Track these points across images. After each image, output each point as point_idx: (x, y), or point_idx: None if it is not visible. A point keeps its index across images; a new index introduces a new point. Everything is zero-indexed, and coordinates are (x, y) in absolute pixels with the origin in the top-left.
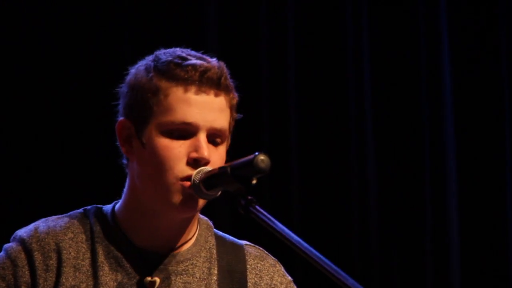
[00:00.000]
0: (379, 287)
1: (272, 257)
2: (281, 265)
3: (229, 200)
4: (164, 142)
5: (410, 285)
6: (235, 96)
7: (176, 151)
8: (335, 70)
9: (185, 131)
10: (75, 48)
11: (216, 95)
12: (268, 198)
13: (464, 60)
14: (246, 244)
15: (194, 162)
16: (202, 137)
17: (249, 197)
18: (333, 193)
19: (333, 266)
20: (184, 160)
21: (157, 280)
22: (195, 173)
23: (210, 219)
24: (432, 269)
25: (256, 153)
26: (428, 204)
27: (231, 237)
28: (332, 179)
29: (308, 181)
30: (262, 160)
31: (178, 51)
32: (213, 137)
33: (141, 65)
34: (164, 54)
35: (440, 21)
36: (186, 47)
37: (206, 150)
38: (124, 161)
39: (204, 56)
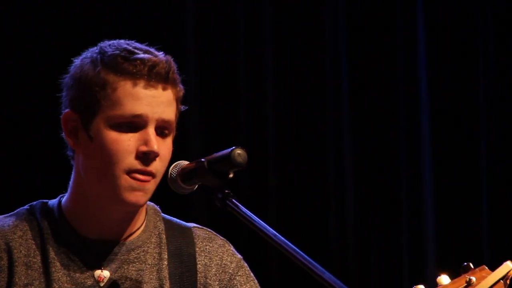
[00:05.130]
0: (356, 280)
1: (220, 237)
2: (230, 245)
3: (206, 194)
4: (113, 136)
5: (387, 277)
6: (181, 89)
7: (125, 144)
8: (313, 66)
9: (134, 124)
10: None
11: (164, 88)
12: (245, 192)
13: (440, 58)
14: (194, 227)
15: (144, 156)
16: (151, 130)
17: (226, 191)
18: (310, 188)
19: (309, 259)
20: (133, 154)
21: (107, 272)
22: (172, 167)
23: (187, 213)
24: (408, 263)
25: (233, 147)
26: (405, 201)
27: (179, 221)
28: (309, 174)
29: (285, 175)
30: (239, 154)
31: (123, 43)
32: (161, 129)
33: (86, 57)
34: (110, 46)
35: (417, 25)
36: (164, 45)
37: (155, 143)
38: (70, 153)
39: (151, 50)
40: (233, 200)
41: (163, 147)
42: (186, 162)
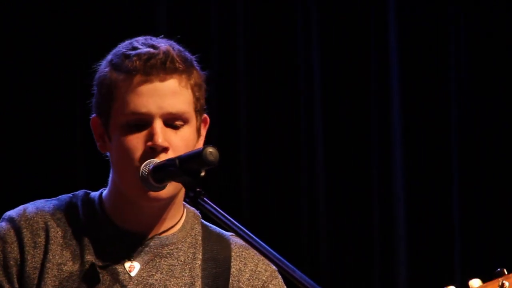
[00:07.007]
0: (327, 279)
1: None
2: None
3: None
4: (123, 135)
5: (358, 276)
6: (193, 75)
7: (135, 142)
8: (285, 63)
9: (140, 121)
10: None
11: (163, 79)
12: (216, 190)
13: (411, 59)
14: (232, 235)
15: (151, 151)
16: (157, 124)
17: (198, 189)
18: (282, 186)
19: (281, 257)
20: (142, 150)
21: (138, 263)
22: (143, 166)
23: None
24: (379, 262)
25: (205, 146)
26: (376, 201)
27: (217, 228)
28: (281, 172)
29: (257, 174)
30: (210, 152)
31: (134, 40)
32: (172, 121)
33: (105, 59)
34: (123, 45)
35: (388, 28)
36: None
37: (160, 137)
38: (107, 153)
39: (155, 43)
40: (205, 198)
41: (175, 139)
42: (158, 160)
